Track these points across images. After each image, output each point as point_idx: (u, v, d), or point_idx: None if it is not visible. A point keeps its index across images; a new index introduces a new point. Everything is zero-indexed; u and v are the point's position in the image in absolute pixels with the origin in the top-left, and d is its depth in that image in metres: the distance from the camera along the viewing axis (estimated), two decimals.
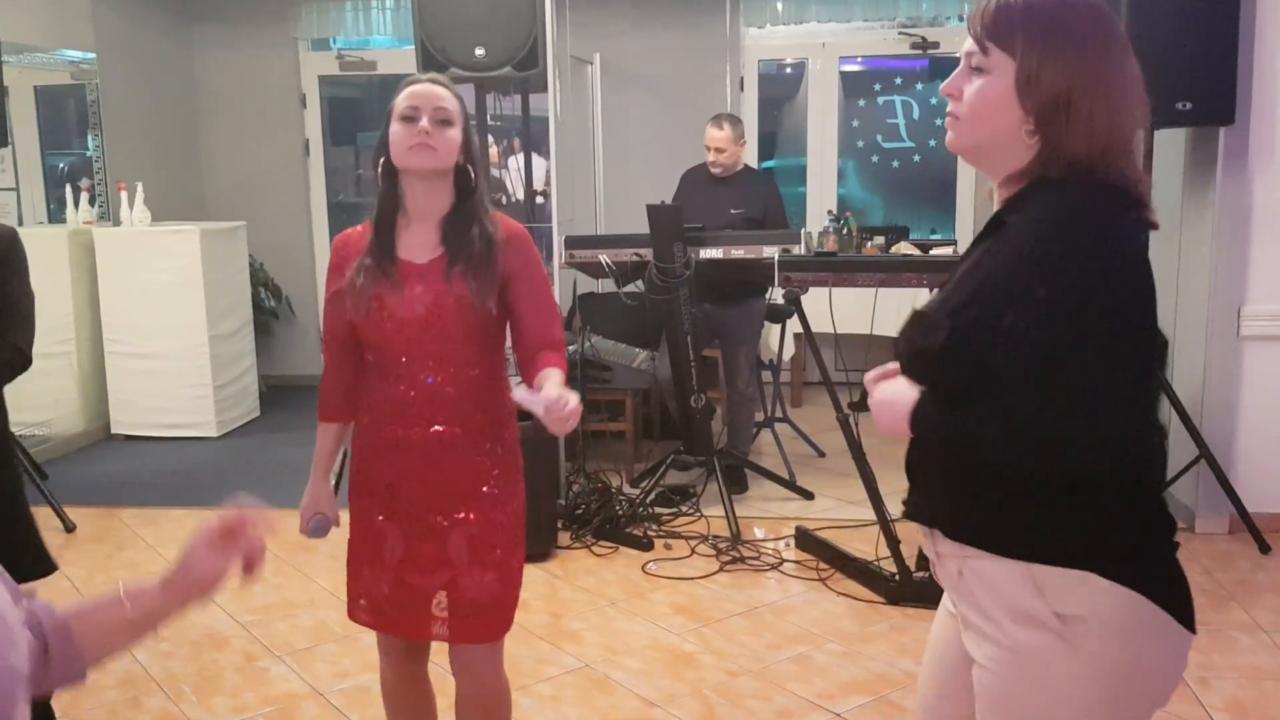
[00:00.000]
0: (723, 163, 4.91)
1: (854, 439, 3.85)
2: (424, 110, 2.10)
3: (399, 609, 2.23)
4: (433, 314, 2.11)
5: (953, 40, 6.91)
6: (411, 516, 2.19)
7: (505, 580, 2.22)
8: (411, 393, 2.14)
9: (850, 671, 3.30)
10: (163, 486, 5.31)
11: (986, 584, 1.47)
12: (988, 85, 1.46)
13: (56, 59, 6.41)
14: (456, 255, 2.12)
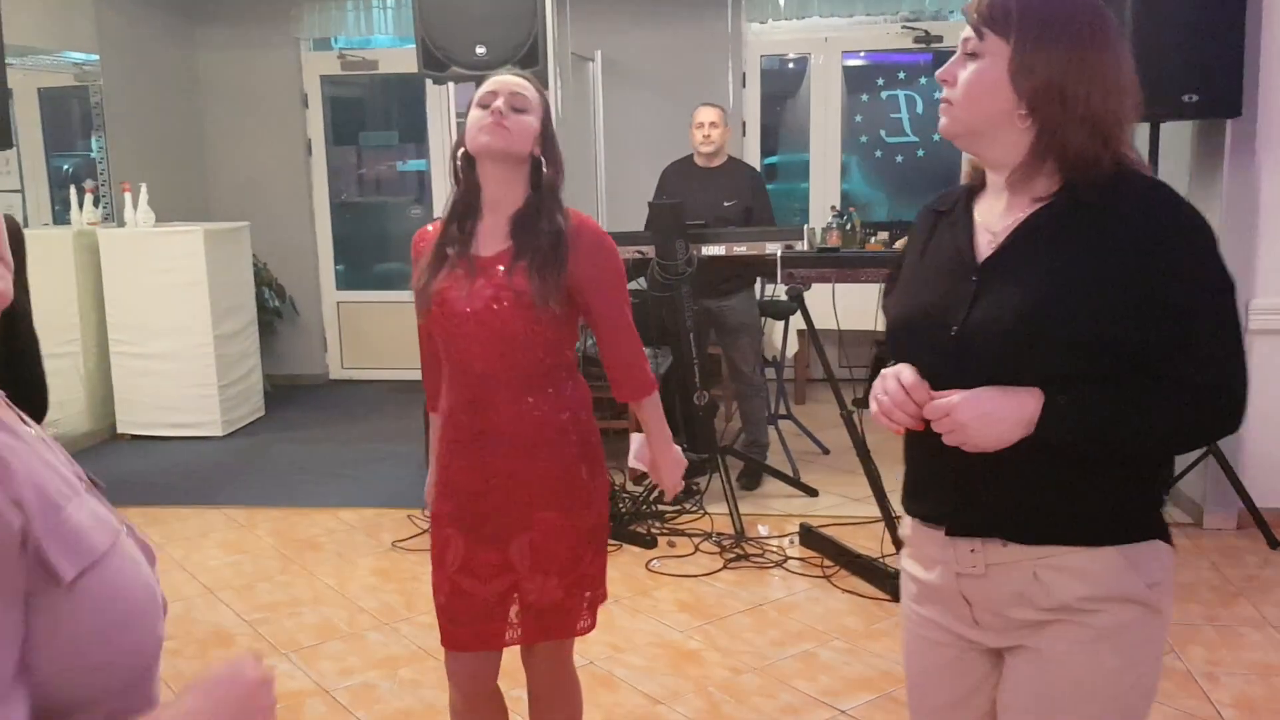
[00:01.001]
0: (715, 140, 4.89)
1: (858, 436, 3.85)
2: (500, 95, 2.07)
3: (463, 621, 2.19)
4: (491, 309, 2.07)
5: (956, 34, 6.75)
6: (474, 522, 2.15)
7: (571, 585, 2.17)
8: (476, 392, 2.11)
9: (855, 668, 3.30)
10: (169, 486, 5.32)
11: (1072, 577, 1.48)
12: (981, 69, 1.47)
13: (60, 61, 6.43)
14: (523, 249, 2.08)
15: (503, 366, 2.09)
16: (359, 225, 7.93)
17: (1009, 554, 1.49)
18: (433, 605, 2.26)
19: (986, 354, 1.45)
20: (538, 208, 2.11)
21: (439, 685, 3.25)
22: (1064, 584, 1.47)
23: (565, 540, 2.15)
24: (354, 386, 7.55)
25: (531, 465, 2.12)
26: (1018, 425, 1.40)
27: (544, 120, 2.13)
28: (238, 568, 4.24)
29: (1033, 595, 1.49)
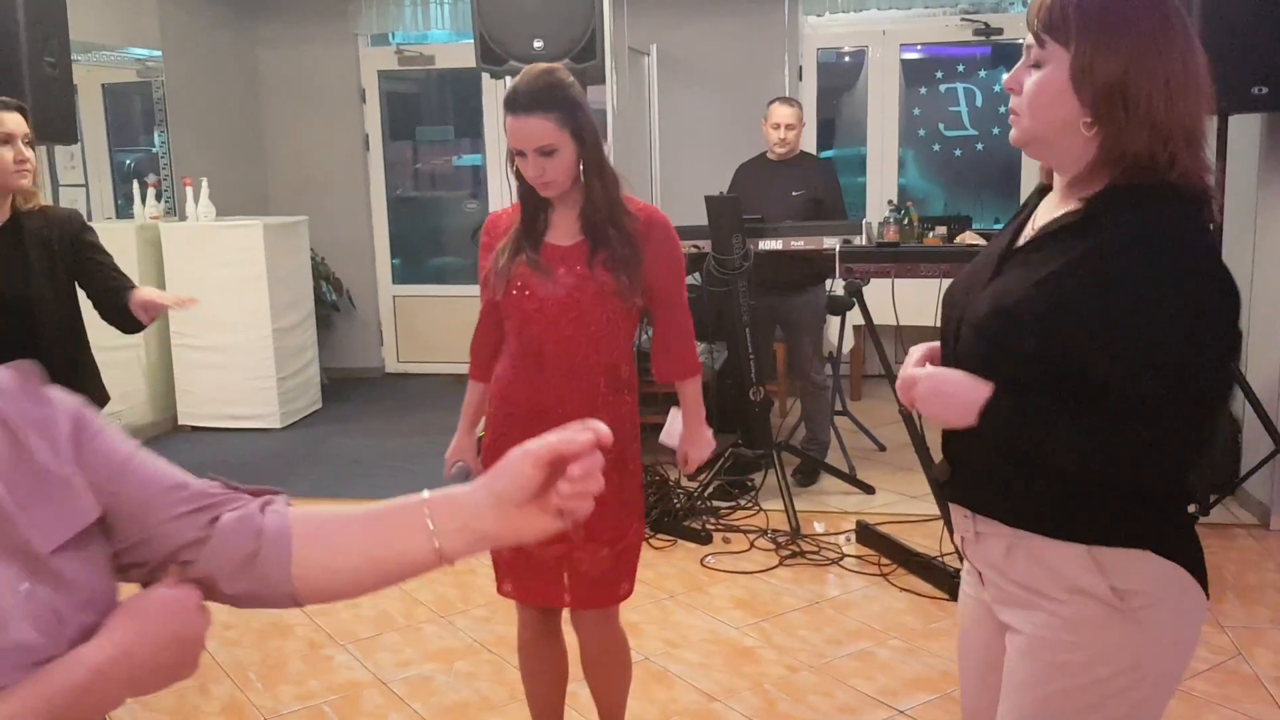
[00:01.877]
0: (790, 141, 4.86)
1: (918, 433, 3.79)
2: (527, 151, 2.17)
3: (526, 577, 2.38)
4: (573, 297, 2.21)
5: (1017, 26, 6.77)
6: None
7: (620, 554, 2.35)
8: (543, 371, 2.25)
9: (913, 668, 3.26)
10: (230, 477, 5.34)
11: (1040, 563, 1.51)
12: (1044, 78, 1.45)
13: (124, 57, 6.54)
14: (598, 243, 2.21)
15: (573, 351, 2.23)
16: (415, 220, 7.99)
17: (989, 525, 1.56)
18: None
19: (965, 343, 1.53)
20: (604, 207, 2.22)
21: (494, 679, 3.27)
22: (1030, 562, 1.51)
23: (615, 511, 2.29)
24: (410, 380, 7.61)
25: None
26: (964, 410, 1.46)
27: (575, 135, 2.17)
28: None
29: (1008, 570, 1.55)
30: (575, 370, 2.26)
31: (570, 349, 2.24)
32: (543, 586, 2.38)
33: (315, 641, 3.55)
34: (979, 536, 1.58)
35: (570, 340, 2.23)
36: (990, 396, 1.45)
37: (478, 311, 2.43)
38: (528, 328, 2.25)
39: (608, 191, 2.23)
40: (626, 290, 2.21)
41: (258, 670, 3.37)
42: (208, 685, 3.27)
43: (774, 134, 4.87)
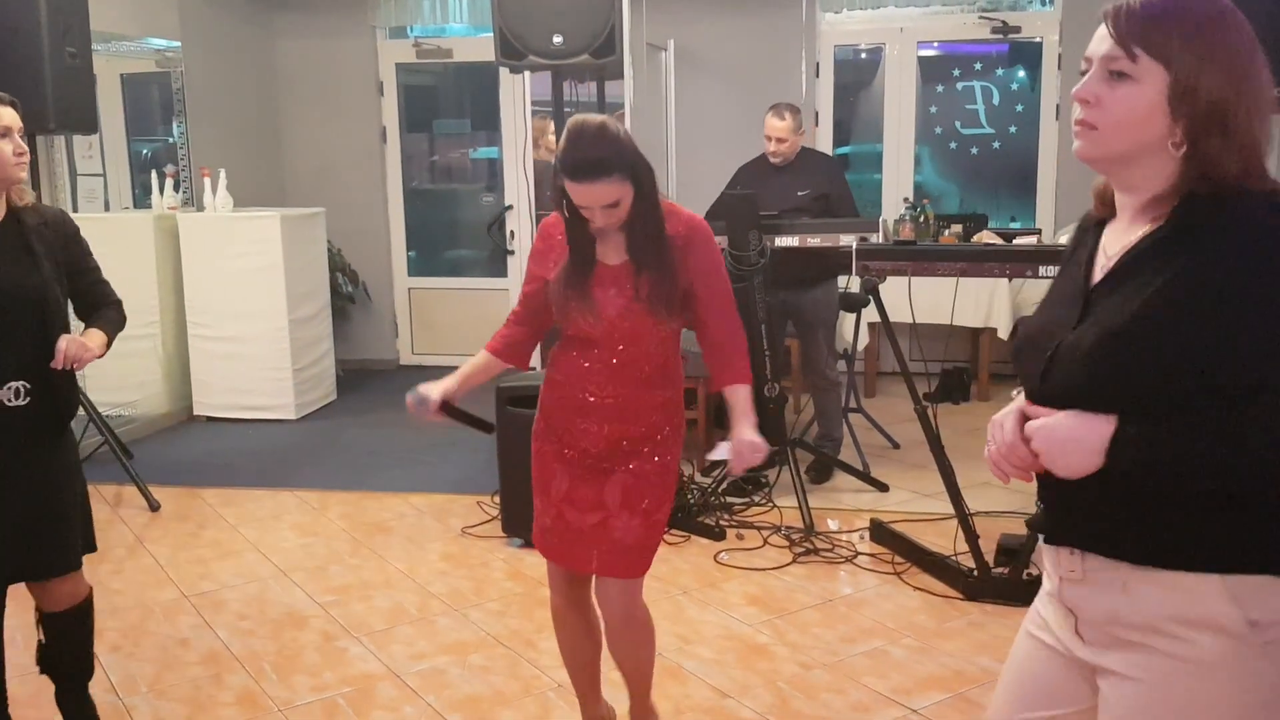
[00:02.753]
0: (783, 153, 4.86)
1: (933, 431, 3.79)
2: (594, 208, 2.32)
3: (562, 541, 2.55)
4: (623, 315, 2.39)
5: (1034, 24, 6.75)
6: (579, 463, 2.50)
7: (649, 528, 2.51)
8: (598, 370, 2.45)
9: (927, 667, 3.26)
10: (243, 467, 5.42)
11: (1164, 598, 1.41)
12: (1136, 94, 1.37)
13: (142, 47, 6.56)
14: (642, 265, 2.38)
15: (624, 359, 2.43)
16: (431, 212, 8.00)
17: (1103, 563, 1.46)
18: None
19: (1067, 379, 1.43)
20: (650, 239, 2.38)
21: (508, 672, 3.28)
22: (1154, 599, 1.41)
23: (653, 486, 2.51)
24: (424, 372, 7.50)
25: (630, 428, 2.47)
26: (1091, 453, 1.37)
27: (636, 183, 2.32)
28: (310, 550, 4.31)
29: (1123, 610, 1.45)
30: (621, 372, 2.44)
31: (621, 356, 2.43)
32: (574, 551, 2.54)
33: (330, 633, 3.57)
34: (1087, 576, 1.48)
35: (622, 353, 2.43)
36: (1117, 428, 1.37)
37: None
38: (582, 336, 2.45)
39: (655, 217, 2.38)
40: (664, 315, 2.39)
41: (272, 661, 3.38)
42: (222, 676, 3.29)
43: (768, 144, 4.87)
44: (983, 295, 6.15)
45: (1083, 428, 1.38)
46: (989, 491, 4.76)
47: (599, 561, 2.52)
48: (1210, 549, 1.38)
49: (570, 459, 2.52)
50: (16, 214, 2.53)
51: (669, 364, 2.51)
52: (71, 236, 2.65)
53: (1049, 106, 6.75)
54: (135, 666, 3.36)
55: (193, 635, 3.58)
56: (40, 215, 2.59)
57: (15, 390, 2.48)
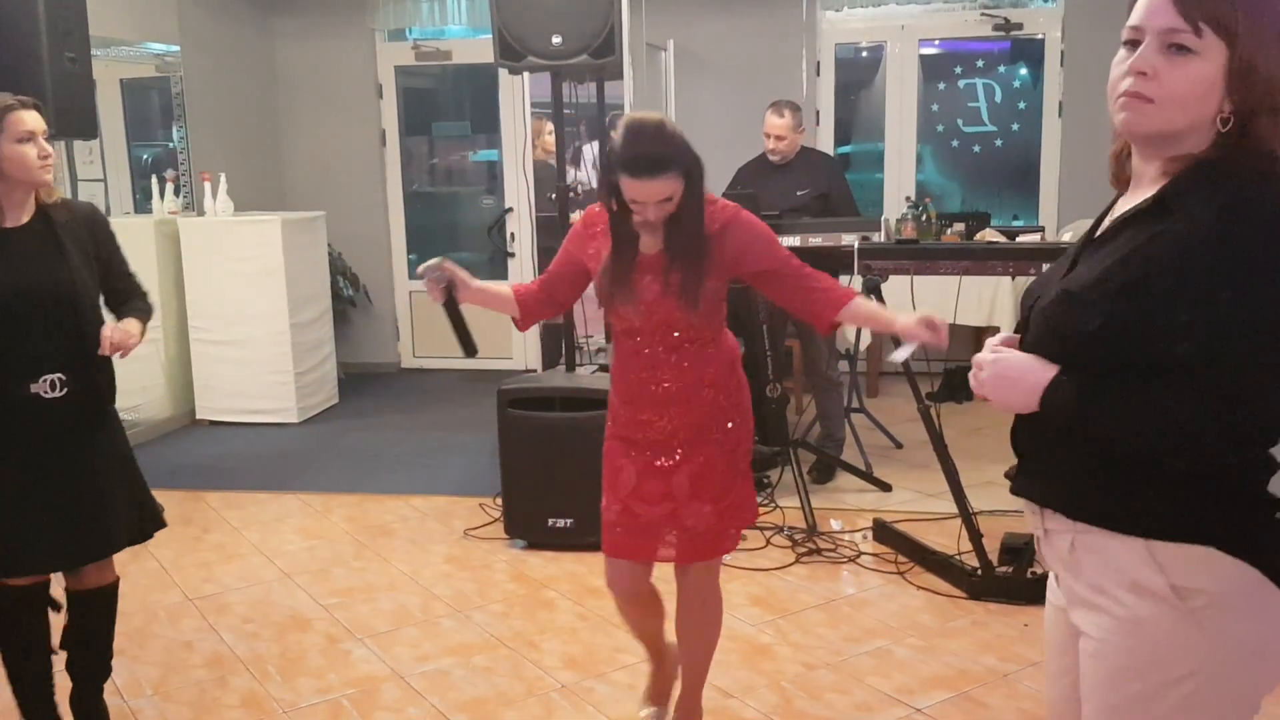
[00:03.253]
0: (782, 150, 4.87)
1: (935, 431, 3.78)
2: (648, 204, 2.36)
3: (628, 534, 2.59)
4: (659, 301, 2.44)
5: (1037, 21, 6.74)
6: (644, 456, 2.56)
7: (724, 511, 2.57)
8: (650, 361, 2.51)
9: (931, 667, 3.25)
10: (246, 471, 5.42)
11: (1101, 559, 1.46)
12: (1197, 70, 1.36)
13: (142, 52, 6.56)
14: (675, 255, 2.43)
15: (666, 344, 2.49)
16: (431, 215, 8.00)
17: (1055, 523, 1.53)
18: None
19: (1034, 329, 1.50)
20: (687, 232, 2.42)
21: (511, 673, 3.27)
22: (1095, 560, 1.47)
23: (719, 471, 2.55)
24: (425, 375, 7.63)
25: (690, 414, 2.52)
26: (1028, 393, 1.44)
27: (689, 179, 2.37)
28: (313, 553, 4.31)
29: (1071, 567, 1.51)
30: (668, 357, 2.50)
31: (663, 342, 2.49)
32: (643, 543, 2.58)
33: (334, 635, 3.57)
34: (1047, 534, 1.55)
35: (662, 335, 2.49)
36: (1054, 376, 1.42)
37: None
38: (626, 325, 2.52)
39: (697, 212, 2.42)
40: (690, 307, 2.42)
41: (276, 664, 3.38)
42: (227, 678, 3.29)
43: (766, 142, 4.87)
44: (985, 294, 6.14)
45: (1026, 369, 1.45)
46: (993, 491, 4.75)
47: (678, 549, 2.58)
48: (1137, 514, 1.43)
49: (638, 453, 2.57)
50: (45, 211, 2.60)
51: (717, 345, 2.54)
52: (101, 230, 2.70)
53: (1051, 104, 6.74)
54: (140, 669, 3.36)
55: (197, 638, 3.58)
56: (70, 211, 2.65)
57: (51, 383, 2.55)
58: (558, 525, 4.14)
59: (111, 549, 2.73)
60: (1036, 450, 1.54)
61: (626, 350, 2.56)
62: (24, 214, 2.58)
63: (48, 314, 2.54)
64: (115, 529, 2.72)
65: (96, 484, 2.66)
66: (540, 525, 4.17)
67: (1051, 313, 1.47)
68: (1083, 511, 1.48)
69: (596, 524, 4.05)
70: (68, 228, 2.61)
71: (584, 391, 4.11)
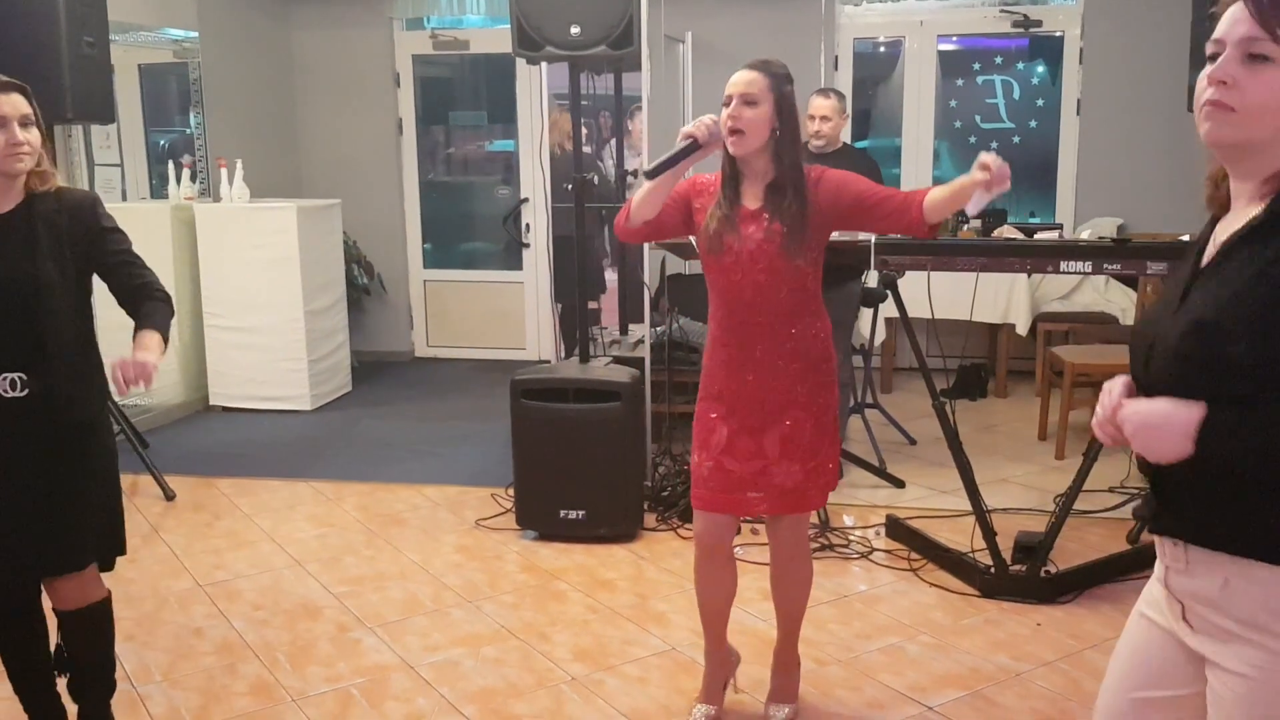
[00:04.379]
0: (826, 134, 4.79)
1: (950, 427, 3.75)
2: (734, 95, 2.60)
3: (721, 488, 2.73)
4: (761, 248, 2.58)
5: (1056, 19, 6.69)
6: (738, 416, 2.69)
7: (810, 471, 2.71)
8: (744, 317, 2.65)
9: (943, 664, 3.23)
10: (258, 458, 5.43)
11: (1263, 593, 1.41)
12: (1277, 77, 1.36)
13: (160, 37, 6.57)
14: (776, 209, 2.60)
15: (766, 297, 2.61)
16: (447, 204, 7.99)
17: (1206, 555, 1.47)
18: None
19: (1163, 367, 1.44)
20: (785, 181, 2.60)
21: (521, 665, 3.27)
22: (1253, 593, 1.42)
23: (808, 434, 2.69)
24: (439, 365, 7.63)
25: (784, 377, 2.66)
26: (1181, 439, 1.37)
27: (777, 101, 2.59)
28: (324, 541, 4.31)
29: (1224, 603, 1.45)
30: (768, 312, 2.62)
31: (763, 295, 2.61)
32: (734, 497, 2.72)
33: (344, 624, 3.57)
34: (1190, 567, 1.49)
35: (763, 286, 2.60)
36: (1204, 417, 1.36)
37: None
38: (727, 279, 2.64)
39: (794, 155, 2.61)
40: (793, 249, 2.57)
41: (286, 652, 3.38)
42: (236, 665, 3.29)
43: (810, 125, 4.81)
44: (1001, 291, 6.11)
45: (1168, 415, 1.39)
46: (1007, 488, 4.73)
47: (765, 503, 2.72)
48: None
49: (730, 413, 2.70)
50: (30, 201, 2.43)
51: (810, 305, 2.68)
52: (93, 224, 2.49)
53: (1070, 101, 6.69)
54: (150, 655, 3.36)
55: (207, 625, 3.58)
56: (59, 200, 2.46)
57: (11, 381, 2.39)
58: (569, 517, 4.14)
59: (74, 565, 2.53)
60: (1182, 484, 1.47)
61: (724, 311, 2.68)
62: (7, 203, 2.42)
63: (4, 309, 2.36)
64: (81, 545, 2.53)
65: (65, 493, 2.47)
66: (552, 516, 4.16)
67: (1186, 347, 1.41)
68: (1243, 546, 1.42)
69: (608, 516, 4.10)
70: (49, 219, 2.42)
71: (597, 383, 4.10)
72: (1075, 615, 3.52)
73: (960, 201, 2.44)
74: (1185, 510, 1.48)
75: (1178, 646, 1.55)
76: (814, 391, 2.70)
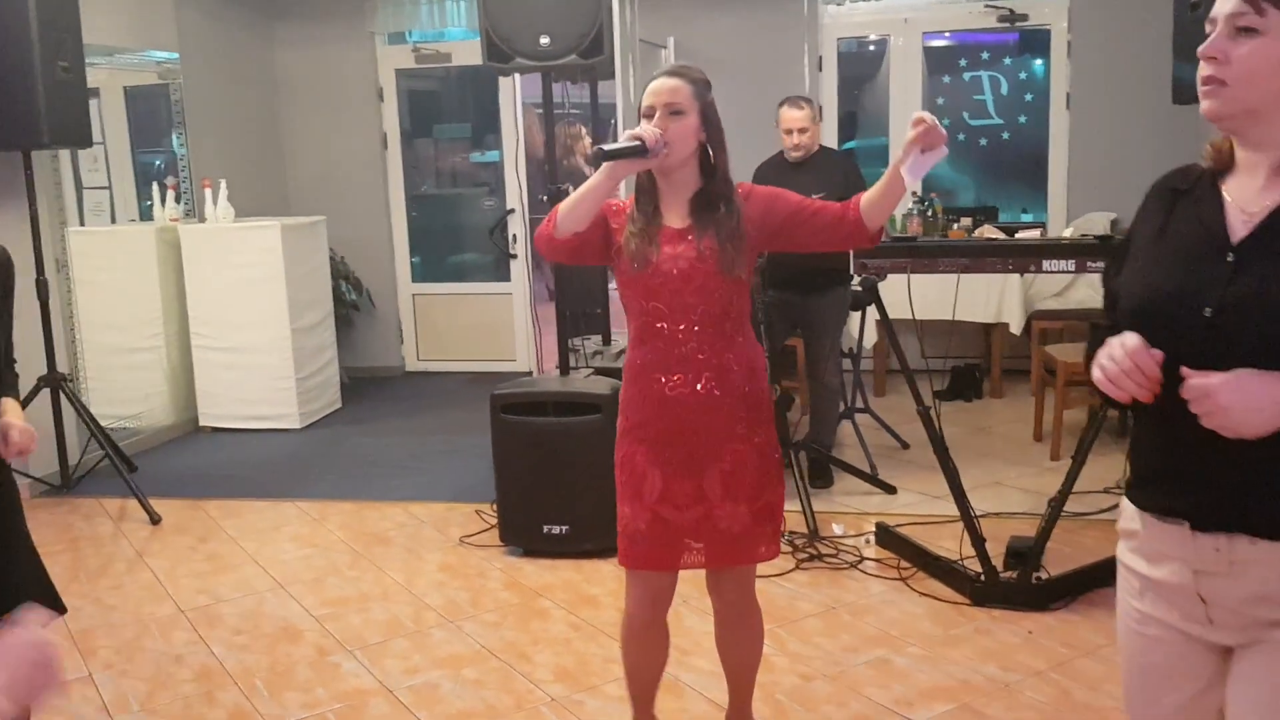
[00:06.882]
0: (803, 144, 4.72)
1: (936, 433, 3.70)
2: (657, 106, 2.37)
3: (660, 543, 2.45)
4: (695, 267, 2.36)
5: (1042, 12, 6.63)
6: (669, 457, 2.42)
7: (758, 513, 2.46)
8: (674, 351, 2.40)
9: (931, 676, 3.17)
10: (247, 479, 5.38)
11: None
12: (1263, 47, 1.40)
13: (144, 59, 6.54)
14: (705, 224, 2.39)
15: (698, 320, 2.38)
16: (434, 217, 7.96)
17: (1257, 551, 1.42)
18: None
19: (1248, 336, 1.39)
20: (714, 194, 2.41)
21: (500, 686, 3.21)
22: None
23: (751, 470, 2.43)
24: (430, 378, 7.58)
25: (721, 409, 2.40)
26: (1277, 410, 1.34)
27: (703, 110, 2.41)
28: (308, 562, 4.26)
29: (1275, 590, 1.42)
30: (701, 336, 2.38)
31: (694, 318, 2.38)
32: (675, 552, 2.46)
33: (324, 648, 3.52)
34: (1233, 568, 1.44)
35: (694, 309, 2.37)
36: None
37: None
38: (654, 298, 2.39)
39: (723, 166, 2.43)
40: (729, 262, 2.35)
41: (264, 677, 3.33)
42: (214, 693, 3.24)
43: (787, 139, 4.74)
44: (994, 290, 6.04)
45: (1271, 386, 1.34)
46: (1002, 492, 4.67)
47: (707, 554, 2.46)
48: None
49: (660, 455, 2.42)
50: None
51: (745, 336, 2.46)
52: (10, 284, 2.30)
53: (1059, 95, 6.62)
54: (128, 684, 3.32)
55: (187, 651, 3.53)
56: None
57: None
58: (553, 532, 4.08)
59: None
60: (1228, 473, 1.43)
61: (648, 339, 2.43)
62: None
63: None
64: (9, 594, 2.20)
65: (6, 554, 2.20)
66: (535, 532, 4.11)
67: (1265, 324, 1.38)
68: None
69: (591, 530, 4.04)
70: None
71: (577, 395, 4.04)
72: (1068, 622, 3.45)
73: (896, 187, 2.33)
74: (1240, 499, 1.43)
75: (1184, 646, 1.53)
76: (753, 426, 2.44)
